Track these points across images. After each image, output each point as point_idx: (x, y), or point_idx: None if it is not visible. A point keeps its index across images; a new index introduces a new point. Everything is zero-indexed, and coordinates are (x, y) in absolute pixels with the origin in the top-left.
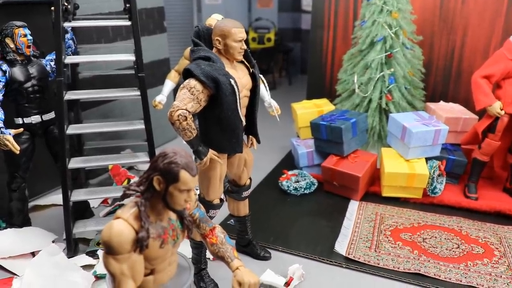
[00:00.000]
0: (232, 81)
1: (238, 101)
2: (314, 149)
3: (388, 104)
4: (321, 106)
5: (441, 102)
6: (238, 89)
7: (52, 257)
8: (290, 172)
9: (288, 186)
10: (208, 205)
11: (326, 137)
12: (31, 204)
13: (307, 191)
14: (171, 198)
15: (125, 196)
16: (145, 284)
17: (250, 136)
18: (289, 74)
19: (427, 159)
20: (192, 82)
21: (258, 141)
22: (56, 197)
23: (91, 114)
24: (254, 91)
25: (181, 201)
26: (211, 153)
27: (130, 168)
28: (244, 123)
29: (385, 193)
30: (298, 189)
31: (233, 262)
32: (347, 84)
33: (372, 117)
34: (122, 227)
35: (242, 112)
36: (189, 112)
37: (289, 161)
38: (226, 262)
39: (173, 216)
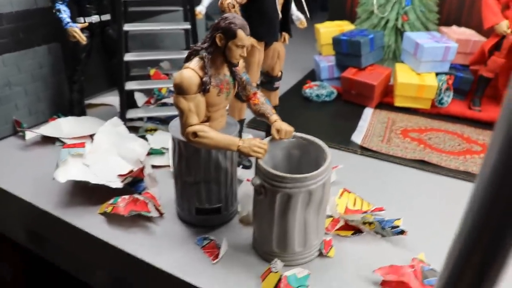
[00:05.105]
0: None
1: None
2: (334, 63)
3: (403, 25)
4: (342, 26)
5: (454, 27)
6: None
7: (115, 128)
8: (312, 83)
9: (310, 93)
10: None
11: (346, 51)
12: (85, 102)
13: (327, 99)
14: (230, 52)
15: (192, 52)
16: None
17: (284, 33)
18: (310, 8)
19: (437, 74)
20: None
21: (290, 36)
22: (105, 98)
23: None
24: None
25: (237, 55)
26: (252, 40)
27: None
28: (280, 17)
29: (397, 103)
30: (320, 96)
31: (272, 116)
32: (366, 6)
33: (388, 36)
34: (190, 73)
35: (278, 7)
36: (236, 1)
37: (311, 77)
38: (266, 118)
39: (227, 73)
